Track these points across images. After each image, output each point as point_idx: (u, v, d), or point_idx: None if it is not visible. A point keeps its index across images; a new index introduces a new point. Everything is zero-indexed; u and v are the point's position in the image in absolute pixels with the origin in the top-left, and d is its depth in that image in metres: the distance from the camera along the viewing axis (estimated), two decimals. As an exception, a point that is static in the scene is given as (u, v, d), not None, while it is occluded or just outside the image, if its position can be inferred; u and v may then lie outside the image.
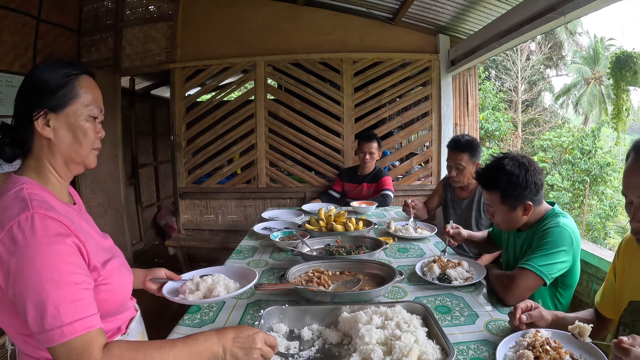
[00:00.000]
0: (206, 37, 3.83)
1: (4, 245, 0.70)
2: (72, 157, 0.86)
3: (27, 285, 0.68)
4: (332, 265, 1.43)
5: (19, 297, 0.69)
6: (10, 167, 3.26)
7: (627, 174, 0.89)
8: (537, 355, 0.87)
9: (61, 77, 0.82)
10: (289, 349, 0.97)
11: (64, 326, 0.67)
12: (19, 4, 3.29)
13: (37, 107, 0.80)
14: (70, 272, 0.72)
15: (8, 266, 0.69)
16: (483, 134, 11.70)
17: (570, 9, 1.89)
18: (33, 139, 0.83)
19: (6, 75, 3.19)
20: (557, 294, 1.45)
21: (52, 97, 0.81)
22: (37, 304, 0.67)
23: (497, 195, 1.42)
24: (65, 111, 0.83)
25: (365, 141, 3.09)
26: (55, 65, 0.84)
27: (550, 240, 1.33)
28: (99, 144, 0.90)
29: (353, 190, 3.18)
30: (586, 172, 11.14)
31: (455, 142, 2.23)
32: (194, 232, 4.05)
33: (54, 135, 0.83)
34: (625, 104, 13.14)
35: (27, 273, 0.68)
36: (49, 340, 0.68)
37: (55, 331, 0.67)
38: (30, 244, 0.70)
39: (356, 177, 3.20)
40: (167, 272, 1.20)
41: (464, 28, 3.53)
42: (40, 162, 0.85)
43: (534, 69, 17.41)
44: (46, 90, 0.81)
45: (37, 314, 0.67)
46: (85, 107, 0.85)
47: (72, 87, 0.83)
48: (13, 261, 0.69)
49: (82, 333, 0.69)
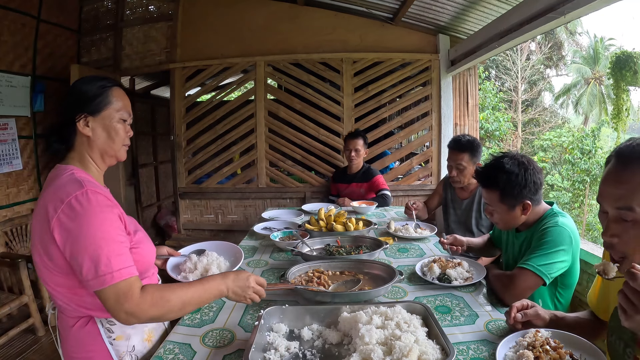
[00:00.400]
0: (206, 37, 3.83)
1: (65, 214, 0.89)
2: (106, 151, 1.06)
3: (85, 243, 0.88)
4: (332, 265, 1.43)
5: (76, 254, 0.88)
6: (9, 168, 3.25)
7: (606, 181, 0.82)
8: (537, 355, 0.87)
9: (97, 88, 1.03)
10: (289, 349, 0.97)
11: (114, 272, 0.87)
12: (19, 4, 3.29)
13: (79, 111, 1.01)
14: (116, 234, 0.93)
15: (69, 230, 0.89)
16: (483, 134, 11.69)
17: (570, 9, 1.88)
18: (75, 136, 1.04)
19: (6, 75, 3.20)
20: (556, 294, 1.45)
21: (90, 104, 1.02)
22: (93, 257, 0.87)
23: (497, 194, 1.42)
24: (101, 115, 1.03)
25: (350, 138, 3.08)
26: (93, 79, 1.05)
27: (549, 240, 1.33)
28: (128, 142, 1.10)
29: (344, 191, 3.16)
30: (586, 172, 11.14)
31: (456, 142, 2.22)
32: (194, 232, 4.04)
33: (92, 134, 1.03)
34: (625, 104, 13.14)
35: (84, 234, 0.88)
36: (101, 283, 0.87)
37: (106, 276, 0.87)
38: (86, 212, 0.90)
39: (345, 176, 3.20)
40: (168, 250, 1.43)
41: (464, 28, 3.53)
42: (81, 155, 1.04)
43: (534, 68, 17.40)
44: (86, 98, 1.02)
45: (92, 264, 0.87)
46: (116, 111, 1.05)
47: (106, 95, 1.04)
48: (73, 225, 0.89)
49: (126, 277, 0.89)
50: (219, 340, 1.05)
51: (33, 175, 3.53)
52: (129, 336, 1.05)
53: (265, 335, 1.01)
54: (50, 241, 0.91)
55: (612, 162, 0.83)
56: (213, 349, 1.02)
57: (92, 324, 1.01)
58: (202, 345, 1.03)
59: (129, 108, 1.09)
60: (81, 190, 0.91)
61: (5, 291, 2.64)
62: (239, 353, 0.99)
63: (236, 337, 1.07)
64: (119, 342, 1.04)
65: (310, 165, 3.86)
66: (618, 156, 0.81)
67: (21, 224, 3.17)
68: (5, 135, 3.20)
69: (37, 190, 3.54)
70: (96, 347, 1.01)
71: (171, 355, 0.99)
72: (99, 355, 1.01)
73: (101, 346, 1.01)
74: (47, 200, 0.93)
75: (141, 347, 1.08)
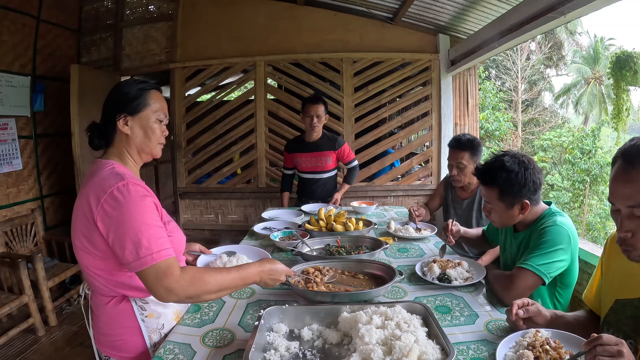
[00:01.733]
0: (206, 37, 3.83)
1: (108, 204, 0.97)
2: (143, 148, 1.15)
3: (127, 229, 0.95)
4: (332, 265, 1.43)
5: (119, 239, 0.95)
6: (9, 168, 3.25)
7: (615, 181, 0.85)
8: (537, 355, 0.87)
9: (137, 90, 1.11)
10: (289, 349, 0.97)
11: (153, 254, 0.94)
12: (19, 4, 3.29)
13: (119, 111, 1.09)
14: (155, 220, 1.00)
15: (111, 217, 0.96)
16: (483, 134, 11.69)
17: (570, 9, 1.89)
18: (115, 134, 1.12)
19: (6, 75, 3.19)
20: (556, 294, 1.45)
21: (130, 105, 1.10)
22: (134, 241, 0.94)
23: (496, 191, 1.42)
24: (139, 115, 1.11)
25: (311, 103, 2.69)
26: (133, 82, 1.14)
27: (547, 239, 1.33)
28: (163, 140, 1.19)
29: (307, 161, 2.80)
30: (586, 171, 11.13)
31: (456, 141, 2.22)
32: (194, 232, 4.05)
33: (131, 132, 1.11)
34: (625, 103, 13.13)
35: (126, 221, 0.95)
36: (142, 264, 0.94)
37: (147, 257, 0.94)
38: (127, 201, 0.97)
39: (307, 145, 2.79)
40: (200, 247, 1.49)
41: (464, 28, 3.53)
42: (120, 151, 1.13)
43: (534, 68, 17.40)
44: (126, 99, 1.10)
45: (134, 248, 0.94)
46: (153, 112, 1.13)
47: (144, 98, 1.12)
48: (115, 214, 0.96)
49: (164, 258, 0.96)
50: (219, 340, 1.05)
51: (33, 175, 3.52)
52: (159, 315, 1.13)
53: (265, 335, 1.01)
54: (93, 229, 0.99)
55: (618, 162, 0.84)
56: (213, 349, 1.01)
57: (125, 302, 1.09)
58: (202, 345, 1.03)
59: (165, 110, 1.18)
60: (122, 182, 0.99)
61: (5, 291, 2.64)
62: (239, 353, 0.99)
63: (236, 337, 1.07)
64: (150, 319, 1.11)
65: (310, 165, 3.86)
66: (624, 156, 0.83)
67: (21, 224, 3.17)
68: (5, 135, 3.20)
69: (37, 190, 3.55)
70: (128, 324, 1.09)
71: (171, 355, 0.99)
72: (130, 332, 1.09)
73: (133, 323, 1.09)
74: (89, 191, 1.01)
75: (169, 326, 1.15)
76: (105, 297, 1.09)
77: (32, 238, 3.27)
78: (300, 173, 2.88)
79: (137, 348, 1.10)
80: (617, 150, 0.87)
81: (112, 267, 1.03)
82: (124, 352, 1.10)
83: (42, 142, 3.61)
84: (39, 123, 3.57)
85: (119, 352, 1.10)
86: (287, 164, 2.93)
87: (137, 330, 1.09)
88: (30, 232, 3.26)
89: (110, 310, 1.09)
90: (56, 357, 2.50)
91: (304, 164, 2.82)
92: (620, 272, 1.00)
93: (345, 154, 2.82)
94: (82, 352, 2.56)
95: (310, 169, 2.82)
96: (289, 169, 2.93)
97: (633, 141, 0.84)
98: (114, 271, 1.04)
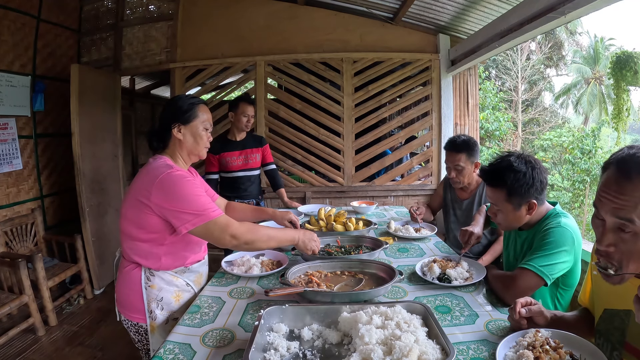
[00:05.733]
0: (206, 37, 3.83)
1: (161, 184, 1.22)
2: (192, 151, 1.41)
3: (183, 201, 1.21)
4: (332, 265, 1.43)
5: (176, 209, 1.21)
6: (9, 168, 3.25)
7: (605, 189, 0.79)
8: (537, 356, 0.87)
9: (188, 105, 1.38)
10: (289, 349, 0.97)
11: (209, 211, 1.23)
12: (19, 3, 3.29)
13: (174, 120, 1.37)
14: (202, 192, 1.28)
15: (166, 194, 1.22)
16: (483, 134, 11.70)
17: (571, 9, 1.88)
18: (170, 139, 1.38)
19: (6, 75, 3.19)
20: (557, 294, 1.45)
21: (183, 116, 1.37)
22: (191, 206, 1.21)
23: (503, 192, 1.40)
24: (190, 124, 1.38)
25: (249, 103, 2.67)
26: (186, 97, 1.42)
27: (551, 241, 1.32)
28: (208, 144, 1.45)
29: (237, 159, 2.74)
30: (586, 171, 11.13)
31: (451, 143, 2.22)
32: (194, 231, 4.04)
33: (183, 138, 1.38)
34: (625, 103, 13.14)
35: (179, 193, 1.22)
36: (201, 220, 1.22)
37: (204, 214, 1.22)
38: (178, 181, 1.23)
39: (234, 143, 2.74)
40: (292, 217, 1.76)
41: (464, 28, 3.53)
42: (173, 152, 1.40)
43: (534, 68, 17.40)
44: (180, 111, 1.37)
45: (191, 211, 1.21)
46: (201, 122, 1.40)
47: (194, 110, 1.39)
48: (169, 190, 1.22)
49: (221, 215, 1.25)
50: (219, 340, 1.05)
51: (33, 175, 3.52)
52: (160, 288, 1.33)
53: (265, 335, 1.00)
54: (144, 207, 1.24)
55: (612, 169, 0.79)
56: (213, 349, 1.01)
57: (137, 270, 1.33)
58: (202, 345, 1.03)
59: (210, 120, 1.44)
60: (172, 169, 1.26)
61: (5, 291, 2.64)
62: (239, 353, 0.99)
63: (236, 337, 1.07)
64: (152, 290, 1.32)
65: (311, 165, 3.86)
66: (620, 165, 0.78)
67: (21, 223, 3.17)
68: (5, 135, 3.20)
69: (37, 190, 3.54)
70: (134, 288, 1.32)
71: (171, 355, 0.99)
72: (135, 296, 1.32)
73: (138, 288, 1.32)
74: (143, 176, 1.28)
75: (168, 301, 1.35)
76: (127, 262, 1.34)
77: (32, 238, 3.27)
78: (230, 173, 2.76)
79: (138, 310, 1.33)
80: (611, 154, 0.82)
81: (146, 238, 1.28)
82: (127, 310, 1.36)
83: (42, 141, 3.61)
84: (39, 123, 3.57)
85: (123, 309, 1.37)
86: (211, 168, 2.74)
87: (139, 295, 1.32)
88: (31, 231, 3.26)
89: (126, 275, 1.33)
90: (56, 357, 2.50)
91: (234, 162, 2.74)
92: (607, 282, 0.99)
93: (268, 153, 2.88)
94: (82, 351, 2.56)
95: (241, 167, 2.75)
96: (213, 173, 2.75)
97: (631, 150, 0.79)
98: (141, 242, 1.29)
